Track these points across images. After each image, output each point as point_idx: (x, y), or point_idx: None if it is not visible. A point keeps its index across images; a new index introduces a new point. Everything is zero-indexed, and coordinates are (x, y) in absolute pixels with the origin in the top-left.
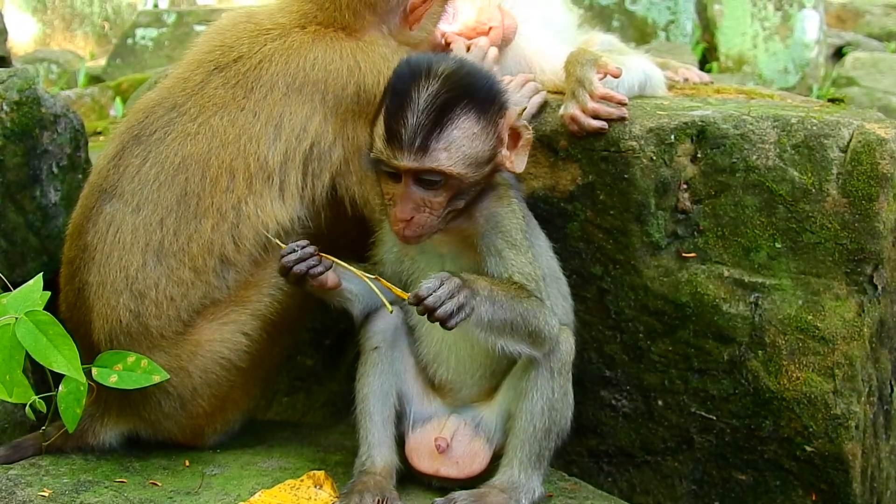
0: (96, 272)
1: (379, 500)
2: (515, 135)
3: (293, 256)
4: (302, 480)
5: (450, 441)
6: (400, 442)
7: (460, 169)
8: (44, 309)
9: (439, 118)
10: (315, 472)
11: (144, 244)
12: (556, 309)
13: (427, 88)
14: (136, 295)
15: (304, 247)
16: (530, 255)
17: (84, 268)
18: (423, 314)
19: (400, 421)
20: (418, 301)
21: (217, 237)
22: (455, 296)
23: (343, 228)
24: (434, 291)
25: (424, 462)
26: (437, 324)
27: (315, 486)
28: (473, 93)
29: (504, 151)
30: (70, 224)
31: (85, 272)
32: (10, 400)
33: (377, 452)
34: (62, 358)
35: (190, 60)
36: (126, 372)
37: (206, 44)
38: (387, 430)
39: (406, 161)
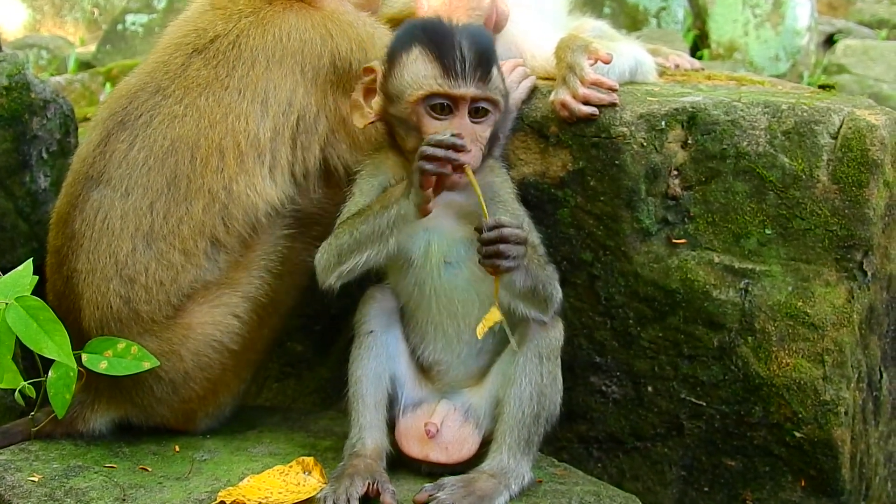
0: (85, 259)
1: (370, 484)
2: None
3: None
4: (291, 466)
5: (439, 426)
6: (390, 426)
7: (502, 102)
8: (32, 294)
9: (485, 54)
10: (304, 458)
11: (134, 229)
12: None
13: (464, 33)
14: (125, 280)
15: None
16: (527, 224)
17: (72, 256)
18: (488, 242)
19: (391, 405)
20: (498, 226)
21: (208, 219)
22: (521, 245)
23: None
24: (514, 229)
25: (414, 447)
26: (483, 263)
27: (304, 472)
28: (494, 46)
29: None
30: (54, 213)
31: (73, 260)
32: (0, 385)
33: (368, 435)
34: (53, 343)
35: (166, 45)
36: (116, 358)
37: (180, 29)
38: (379, 412)
39: (471, 88)
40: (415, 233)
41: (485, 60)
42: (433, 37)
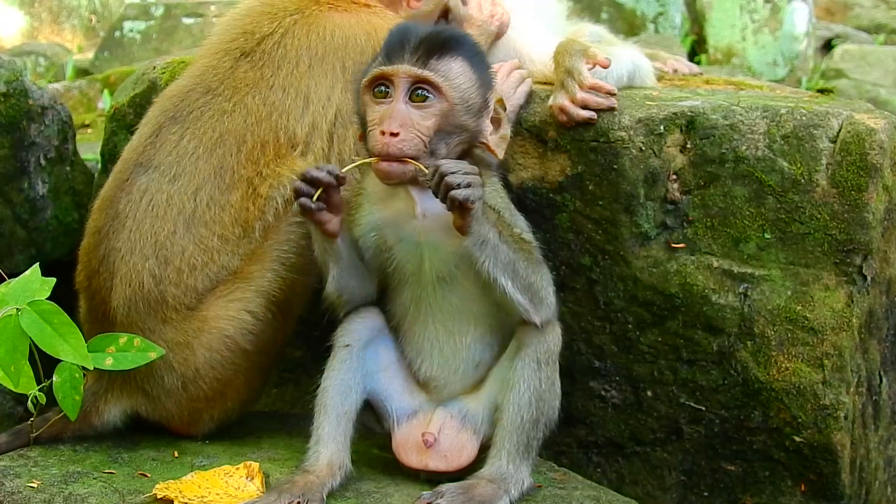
0: (126, 238)
1: (298, 502)
2: (497, 120)
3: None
4: (237, 469)
5: (437, 435)
6: (386, 439)
7: (453, 95)
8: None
9: (442, 47)
10: (251, 462)
11: (177, 212)
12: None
13: (430, 29)
14: (161, 261)
15: (329, 171)
16: (518, 230)
17: (113, 234)
18: (435, 183)
19: (383, 420)
20: (437, 167)
21: (243, 204)
22: (471, 175)
23: None
24: (453, 165)
25: (413, 457)
26: (443, 206)
27: (247, 478)
28: (471, 48)
29: (488, 126)
30: (98, 198)
31: (113, 238)
32: (16, 390)
33: (324, 448)
34: (68, 346)
35: (215, 50)
36: (120, 353)
37: (227, 32)
38: (340, 425)
39: (405, 65)
40: (409, 249)
41: (431, 45)
42: (396, 30)
